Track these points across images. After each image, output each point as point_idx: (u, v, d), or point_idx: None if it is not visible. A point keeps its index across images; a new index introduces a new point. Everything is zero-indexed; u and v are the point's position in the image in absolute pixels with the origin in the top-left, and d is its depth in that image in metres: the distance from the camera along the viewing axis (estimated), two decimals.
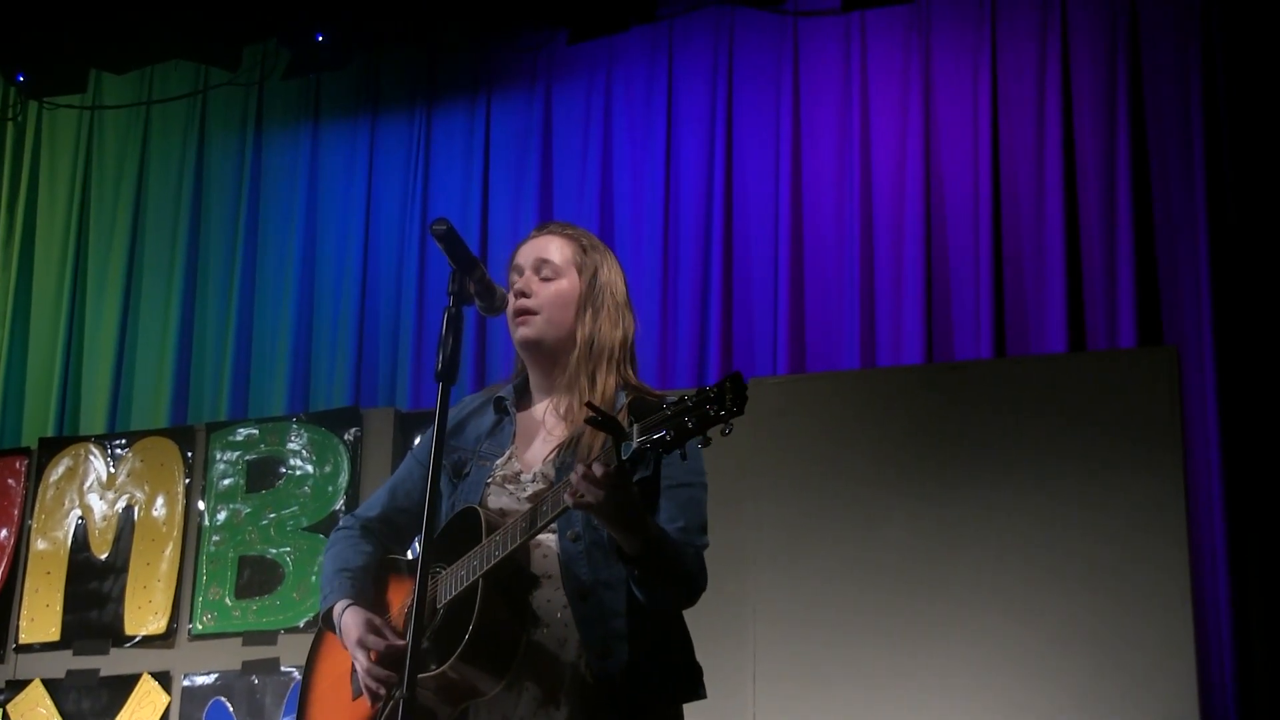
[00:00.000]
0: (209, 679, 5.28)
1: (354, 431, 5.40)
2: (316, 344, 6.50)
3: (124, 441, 5.69)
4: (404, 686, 2.43)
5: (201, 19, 6.25)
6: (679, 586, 2.70)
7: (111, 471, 5.63)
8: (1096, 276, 5.44)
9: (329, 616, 2.89)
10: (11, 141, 7.05)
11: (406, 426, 5.44)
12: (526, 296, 2.86)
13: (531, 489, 2.78)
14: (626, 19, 6.04)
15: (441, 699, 2.71)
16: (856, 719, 4.59)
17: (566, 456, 2.75)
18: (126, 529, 5.53)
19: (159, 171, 6.87)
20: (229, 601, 5.34)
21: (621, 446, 2.45)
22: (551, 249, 2.91)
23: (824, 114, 5.95)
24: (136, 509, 5.54)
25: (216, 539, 5.43)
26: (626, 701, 2.67)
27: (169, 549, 5.45)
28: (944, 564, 4.63)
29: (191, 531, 5.47)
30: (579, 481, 2.49)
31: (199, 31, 6.33)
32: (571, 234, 2.94)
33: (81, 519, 5.60)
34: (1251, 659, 4.95)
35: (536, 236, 2.96)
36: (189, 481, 5.52)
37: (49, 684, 5.42)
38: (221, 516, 5.45)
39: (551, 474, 2.77)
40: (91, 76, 6.78)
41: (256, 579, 5.34)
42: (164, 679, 5.31)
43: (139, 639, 5.40)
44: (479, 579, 2.66)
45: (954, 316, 5.61)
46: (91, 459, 5.68)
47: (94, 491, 5.62)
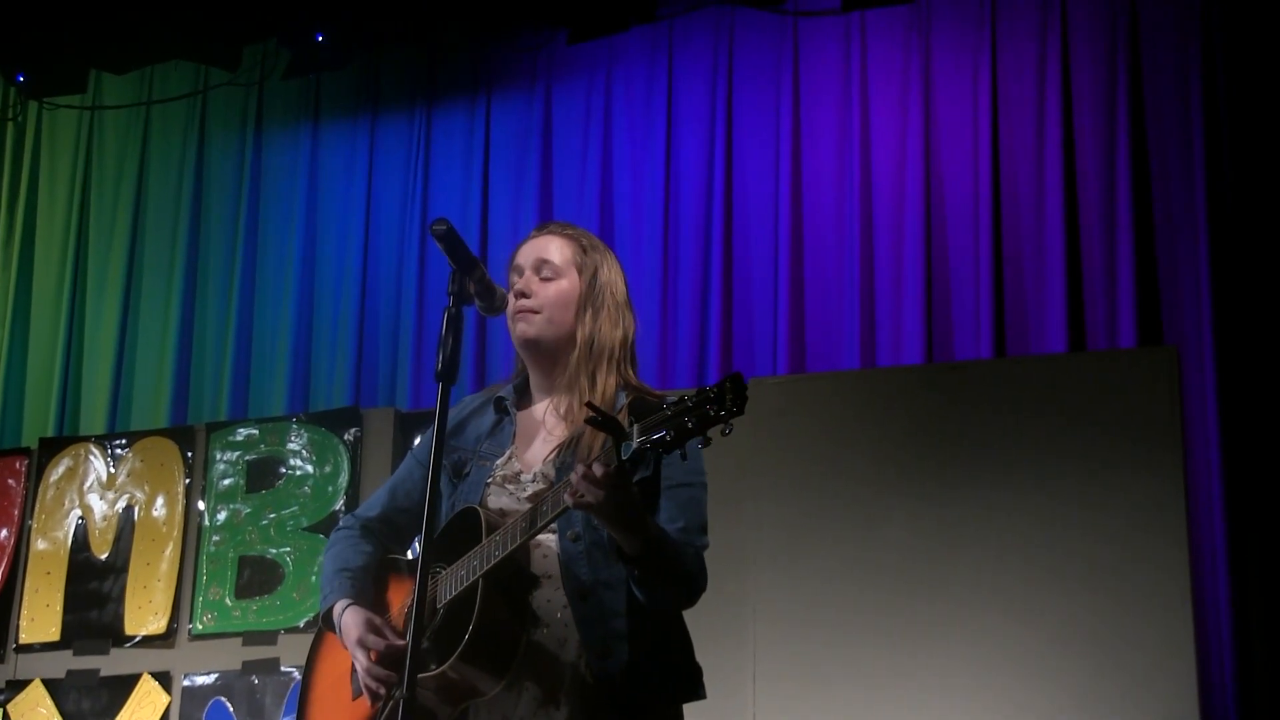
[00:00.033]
0: (209, 679, 5.28)
1: (354, 431, 5.40)
2: (316, 344, 6.50)
3: (124, 441, 5.69)
4: (404, 686, 2.43)
5: (201, 19, 6.25)
6: (679, 587, 2.70)
7: (111, 471, 5.63)
8: (1096, 276, 5.44)
9: (329, 616, 2.89)
10: (11, 141, 7.05)
11: (406, 426, 5.44)
12: (527, 297, 2.86)
13: (531, 489, 2.78)
14: (626, 19, 6.04)
15: (441, 699, 2.71)
16: (856, 719, 4.59)
17: (566, 456, 2.75)
18: (126, 529, 5.53)
19: (159, 171, 6.86)
20: (229, 601, 5.34)
21: (621, 446, 2.45)
22: (551, 249, 2.90)
23: (824, 114, 5.95)
24: (136, 509, 5.54)
25: (216, 539, 5.43)
26: (626, 701, 2.67)
27: (169, 549, 5.45)
28: (944, 564, 4.63)
29: (191, 531, 5.47)
30: (579, 481, 2.49)
31: (199, 31, 6.33)
32: (571, 234, 2.94)
33: (81, 519, 5.60)
34: (1251, 659, 4.95)
35: (536, 236, 2.96)
36: (189, 481, 5.52)
37: (49, 684, 5.42)
38: (221, 516, 5.45)
39: (551, 474, 2.77)
40: (91, 76, 6.78)
41: (256, 579, 5.34)
42: (164, 679, 5.31)
43: (139, 639, 5.40)
44: (479, 579, 2.66)
45: (954, 316, 5.61)
46: (92, 459, 5.68)
47: (94, 491, 5.62)
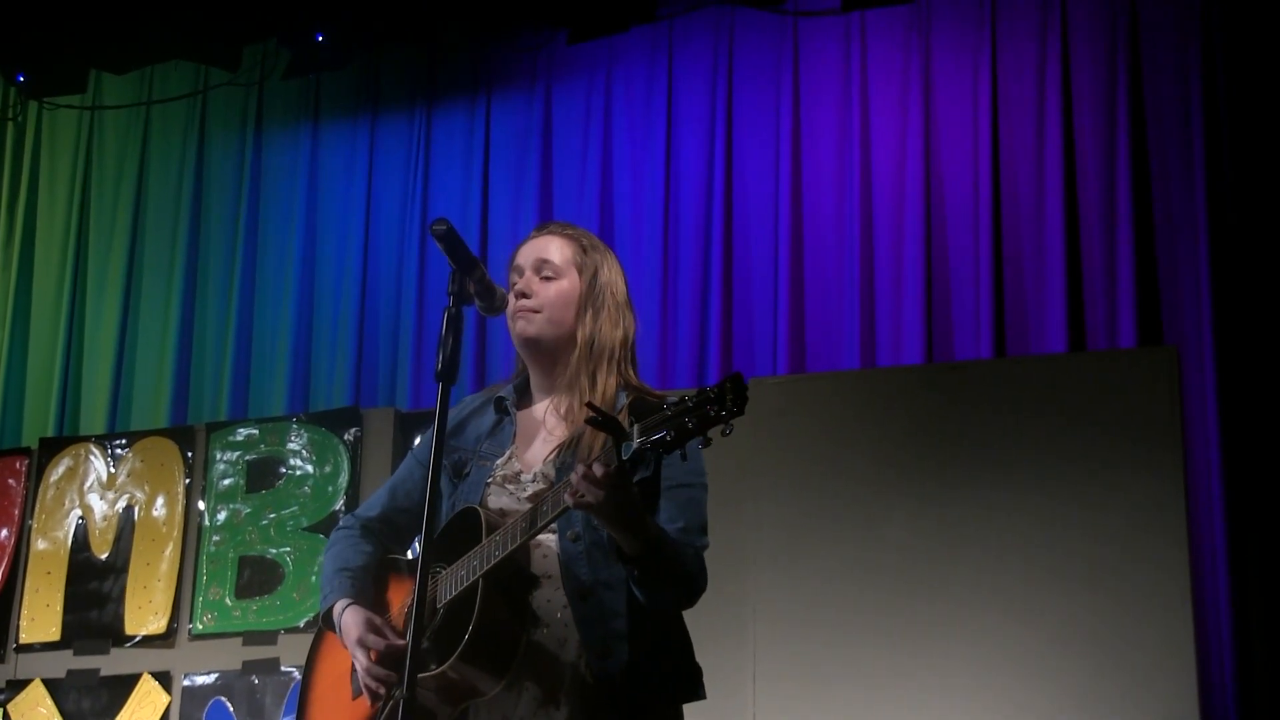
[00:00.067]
0: (209, 679, 5.28)
1: (354, 431, 5.40)
2: (316, 344, 6.49)
3: (124, 441, 5.69)
4: (404, 686, 2.43)
5: (201, 19, 6.25)
6: (679, 587, 2.69)
7: (112, 471, 5.63)
8: (1096, 276, 5.44)
9: (329, 616, 2.89)
10: (11, 141, 7.05)
11: (406, 426, 5.44)
12: (527, 296, 2.86)
13: (531, 489, 2.78)
14: (626, 19, 6.04)
15: (441, 699, 2.71)
16: (856, 719, 4.59)
17: (567, 456, 2.75)
18: (127, 529, 5.53)
19: (159, 171, 6.86)
20: (229, 601, 5.34)
21: (622, 447, 2.45)
22: (552, 249, 2.90)
23: (824, 114, 5.95)
24: (137, 509, 5.54)
25: (216, 539, 5.43)
26: (626, 702, 2.67)
27: (169, 549, 5.45)
28: (944, 564, 4.63)
29: (191, 531, 5.47)
30: (579, 481, 2.49)
31: (199, 31, 6.33)
32: (572, 234, 2.94)
33: (82, 519, 5.60)
34: (1251, 659, 4.95)
35: (537, 236, 2.96)
36: (189, 481, 5.52)
37: (49, 684, 5.42)
38: (221, 516, 5.45)
39: (552, 474, 2.77)
40: (91, 76, 6.78)
41: (256, 579, 5.34)
42: (164, 679, 5.31)
43: (139, 639, 5.40)
44: (479, 579, 2.66)
45: (954, 316, 5.61)
46: (92, 459, 5.68)
47: (94, 491, 5.62)
